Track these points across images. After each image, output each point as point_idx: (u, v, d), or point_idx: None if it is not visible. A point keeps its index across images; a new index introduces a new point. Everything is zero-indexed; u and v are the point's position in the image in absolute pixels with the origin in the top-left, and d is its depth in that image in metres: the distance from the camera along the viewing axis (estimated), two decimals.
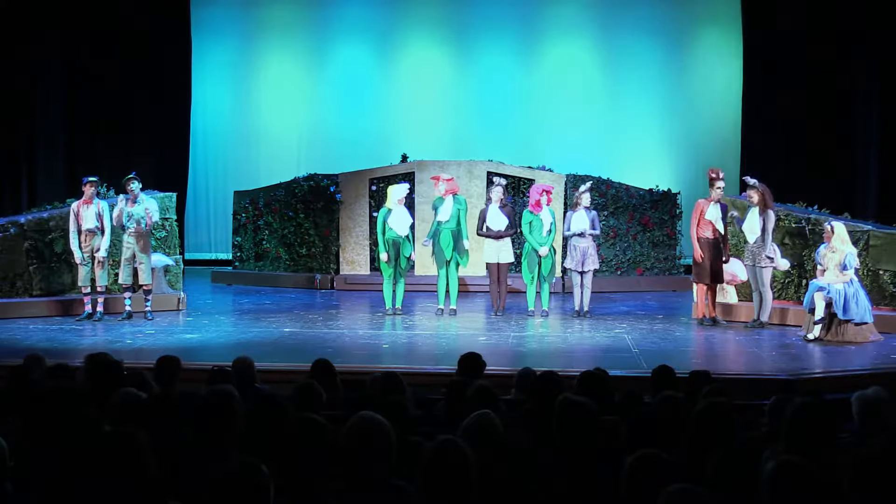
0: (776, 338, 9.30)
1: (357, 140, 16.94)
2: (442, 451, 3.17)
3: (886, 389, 4.35)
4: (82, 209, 10.19)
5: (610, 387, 5.04)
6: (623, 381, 6.36)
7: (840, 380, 7.36)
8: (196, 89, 17.29)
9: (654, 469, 3.10)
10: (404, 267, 10.76)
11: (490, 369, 5.98)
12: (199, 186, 17.69)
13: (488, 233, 10.62)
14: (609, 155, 16.68)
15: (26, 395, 4.25)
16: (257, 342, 8.91)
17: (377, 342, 9.06)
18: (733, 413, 3.86)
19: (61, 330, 9.62)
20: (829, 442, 3.55)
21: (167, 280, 11.51)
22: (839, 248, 9.10)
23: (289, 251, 14.39)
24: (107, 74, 16.03)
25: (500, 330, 9.74)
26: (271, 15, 17.63)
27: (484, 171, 13.75)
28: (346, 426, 3.22)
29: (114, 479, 2.90)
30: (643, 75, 17.09)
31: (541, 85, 17.26)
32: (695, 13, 17.20)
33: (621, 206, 14.04)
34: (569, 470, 3.54)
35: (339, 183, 14.09)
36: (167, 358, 5.52)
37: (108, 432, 3.14)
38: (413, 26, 17.46)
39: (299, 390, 4.53)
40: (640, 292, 13.47)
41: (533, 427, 4.10)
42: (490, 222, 10.62)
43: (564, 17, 17.22)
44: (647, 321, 10.48)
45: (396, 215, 10.60)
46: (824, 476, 2.93)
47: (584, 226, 10.63)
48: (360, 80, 17.45)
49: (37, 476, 3.35)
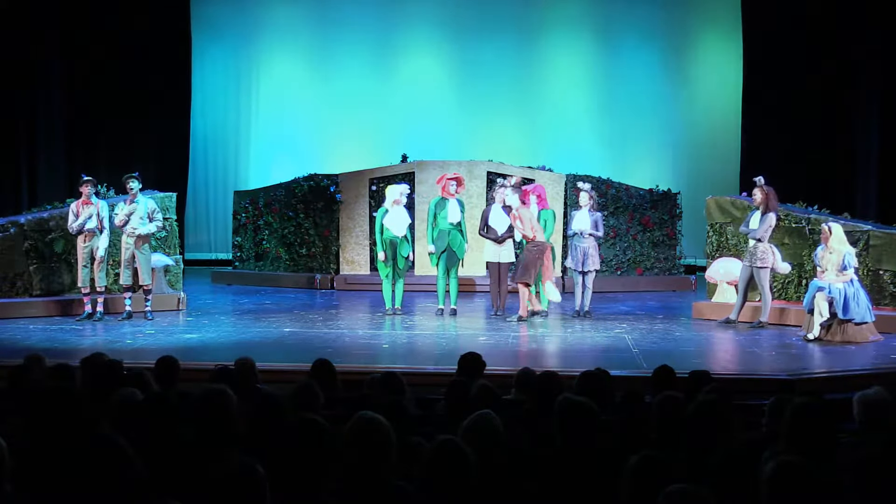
0: (776, 338, 9.29)
1: (357, 140, 16.96)
2: (442, 451, 3.17)
3: (887, 389, 4.35)
4: (81, 209, 10.19)
5: (610, 387, 5.04)
6: (623, 381, 6.36)
7: (840, 380, 7.35)
8: (196, 89, 17.30)
9: (653, 470, 3.10)
10: (402, 267, 10.74)
11: (490, 369, 5.97)
12: (199, 186, 17.70)
13: (490, 234, 10.60)
14: (609, 155, 16.69)
15: (26, 396, 4.25)
16: (257, 342, 8.90)
17: (377, 342, 9.05)
18: (733, 413, 3.86)
19: (61, 330, 9.61)
20: (829, 442, 3.54)
21: (167, 280, 11.51)
22: (837, 248, 9.10)
23: (289, 251, 14.40)
24: (107, 74, 16.03)
25: (500, 330, 9.73)
26: (271, 15, 17.64)
27: (484, 171, 13.75)
28: (346, 426, 3.22)
29: (99, 480, 2.92)
30: (643, 75, 17.10)
31: (541, 85, 17.27)
32: (695, 14, 17.21)
33: (621, 206, 14.05)
34: (569, 470, 3.54)
35: (339, 183, 14.09)
36: (167, 358, 5.52)
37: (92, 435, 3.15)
38: (413, 26, 17.47)
39: (297, 391, 4.53)
40: (640, 292, 13.48)
41: (533, 427, 4.09)
42: (492, 223, 10.61)
43: (564, 17, 17.23)
44: (647, 321, 10.48)
45: (394, 215, 10.59)
46: (824, 476, 2.92)
47: (584, 226, 10.62)
48: (360, 79, 17.45)
49: (36, 476, 3.35)
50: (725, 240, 11.19)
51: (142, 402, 3.95)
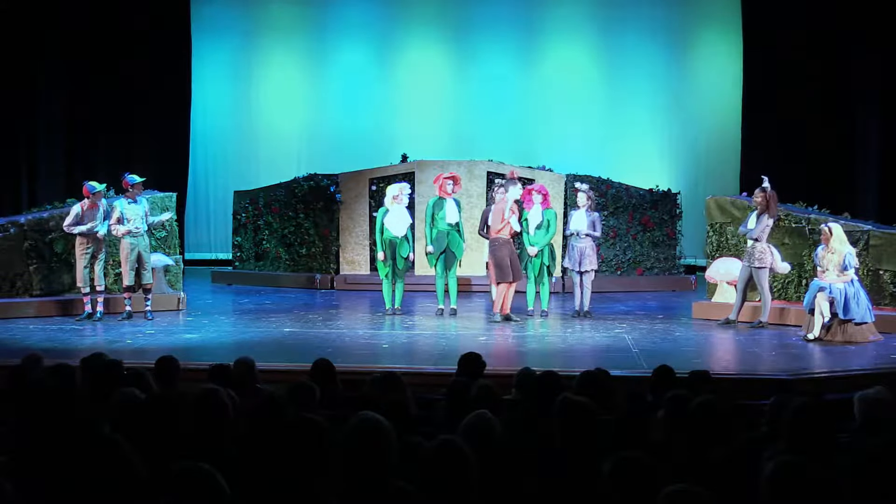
0: (776, 338, 9.29)
1: (357, 140, 16.95)
2: (442, 451, 3.16)
3: (888, 389, 4.35)
4: (86, 214, 10.20)
5: (610, 387, 5.04)
6: (623, 381, 6.36)
7: (840, 380, 7.34)
8: (196, 89, 17.29)
9: (647, 470, 3.10)
10: (402, 267, 10.72)
11: (490, 369, 5.97)
12: (199, 186, 17.69)
13: (489, 234, 10.59)
14: (609, 155, 16.68)
15: (24, 396, 4.25)
16: (257, 342, 8.90)
17: (377, 342, 9.05)
18: (732, 413, 3.86)
19: (61, 330, 9.61)
20: (829, 442, 3.54)
21: (167, 280, 11.51)
22: (838, 248, 9.10)
23: (289, 251, 14.40)
24: (107, 74, 16.02)
25: (500, 330, 9.73)
26: (271, 15, 17.63)
27: (484, 171, 13.75)
28: (346, 426, 3.22)
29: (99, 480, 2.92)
30: (643, 75, 17.09)
31: (541, 85, 17.26)
32: (695, 13, 17.20)
33: (621, 206, 14.04)
34: (569, 470, 3.54)
35: (339, 183, 14.09)
36: (167, 358, 5.52)
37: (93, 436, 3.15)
38: (413, 26, 17.46)
39: (293, 389, 4.52)
40: (640, 292, 13.48)
41: (533, 427, 4.09)
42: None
43: (564, 16, 17.22)
44: (647, 321, 10.47)
45: (394, 215, 10.58)
46: (824, 476, 2.92)
47: (581, 226, 10.62)
48: (360, 79, 17.45)
49: (36, 476, 3.35)
50: (725, 240, 11.18)
51: (142, 402, 3.95)
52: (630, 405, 4.57)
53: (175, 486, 2.84)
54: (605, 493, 3.08)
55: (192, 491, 2.83)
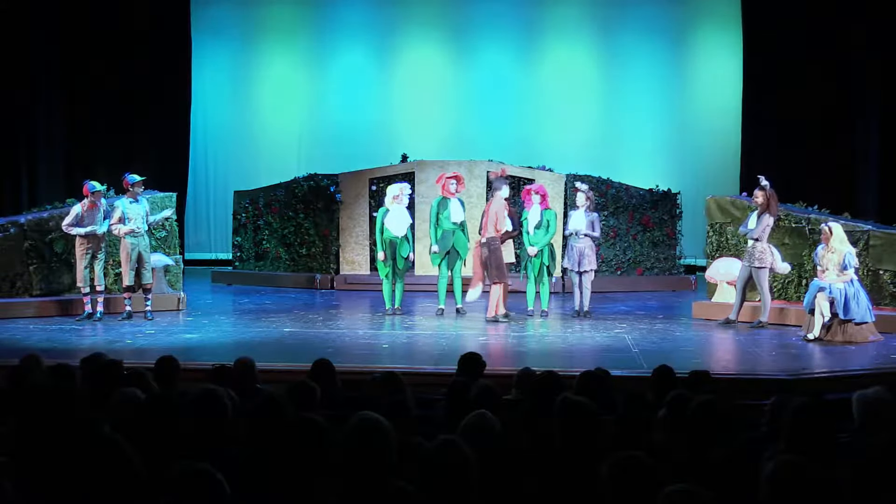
0: (776, 338, 9.29)
1: (357, 140, 16.94)
2: (442, 451, 3.16)
3: (887, 389, 4.35)
4: (86, 214, 10.20)
5: (610, 387, 5.04)
6: (623, 381, 6.36)
7: (840, 380, 7.34)
8: (196, 89, 17.30)
9: (647, 470, 3.10)
10: (402, 267, 10.72)
11: (490, 369, 5.98)
12: (199, 186, 17.70)
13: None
14: (609, 155, 16.68)
15: (23, 396, 4.25)
16: (257, 342, 8.90)
17: (377, 342, 9.05)
18: (732, 413, 3.86)
19: (61, 330, 9.61)
20: (829, 442, 3.54)
21: (167, 280, 11.51)
22: (838, 248, 9.10)
23: (289, 251, 14.40)
24: (107, 74, 16.02)
25: (500, 330, 9.73)
26: (271, 15, 17.64)
27: (484, 171, 13.73)
28: (346, 426, 3.22)
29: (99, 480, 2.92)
30: (643, 75, 17.10)
31: (541, 85, 17.27)
32: (695, 13, 17.21)
33: (621, 206, 14.04)
34: (569, 470, 3.54)
35: (339, 183, 14.09)
36: (167, 358, 5.52)
37: (93, 436, 3.15)
38: (413, 26, 17.47)
39: (293, 389, 4.52)
40: (640, 292, 13.48)
41: (533, 427, 4.09)
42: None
43: (564, 16, 17.23)
44: (647, 321, 10.47)
45: (394, 215, 10.58)
46: (824, 476, 2.92)
47: (579, 227, 10.61)
48: (360, 79, 17.46)
49: (36, 476, 3.35)
50: (725, 240, 11.18)
51: (142, 402, 3.95)
52: (630, 405, 4.56)
53: (175, 486, 2.84)
54: (605, 493, 3.08)
55: (192, 491, 2.83)
